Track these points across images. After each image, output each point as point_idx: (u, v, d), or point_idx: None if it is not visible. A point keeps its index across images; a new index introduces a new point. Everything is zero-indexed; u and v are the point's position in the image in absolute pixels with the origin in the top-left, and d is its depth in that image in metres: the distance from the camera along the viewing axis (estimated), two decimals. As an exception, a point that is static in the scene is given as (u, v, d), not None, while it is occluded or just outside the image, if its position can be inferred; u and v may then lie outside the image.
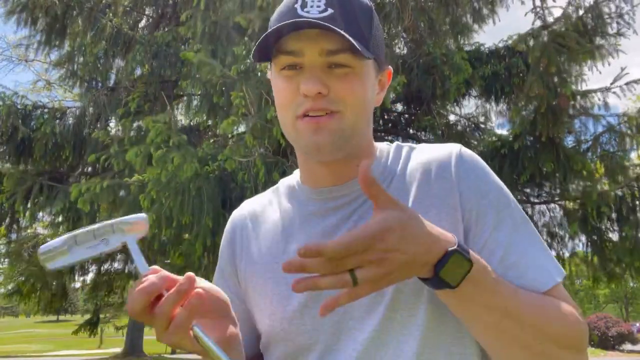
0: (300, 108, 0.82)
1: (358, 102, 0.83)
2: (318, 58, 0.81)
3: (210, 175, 4.98)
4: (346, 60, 0.81)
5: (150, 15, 8.80)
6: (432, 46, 6.25)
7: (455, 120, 7.66)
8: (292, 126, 0.85)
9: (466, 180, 0.85)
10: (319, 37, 0.80)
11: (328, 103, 0.81)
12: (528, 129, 5.51)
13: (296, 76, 0.83)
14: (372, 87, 0.87)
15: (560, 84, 5.21)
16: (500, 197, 0.85)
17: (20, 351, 26.52)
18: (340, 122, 0.82)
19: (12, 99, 7.28)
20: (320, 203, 0.91)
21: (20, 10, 7.15)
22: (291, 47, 0.82)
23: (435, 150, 0.90)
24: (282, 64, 0.83)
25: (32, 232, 8.99)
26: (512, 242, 0.82)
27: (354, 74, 0.82)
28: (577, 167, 5.45)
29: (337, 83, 0.81)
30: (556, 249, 6.95)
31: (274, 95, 0.89)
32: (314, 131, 0.82)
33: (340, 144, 0.83)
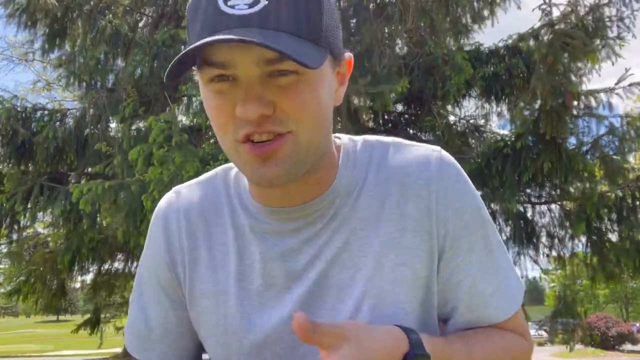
0: (240, 132, 0.66)
1: (312, 116, 0.67)
2: (254, 69, 0.64)
3: None
4: (290, 67, 0.64)
5: (150, 15, 8.80)
6: (433, 46, 6.26)
7: (455, 121, 7.67)
8: (234, 151, 0.69)
9: (444, 200, 0.76)
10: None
11: (275, 124, 0.65)
12: (531, 129, 5.50)
13: (230, 90, 0.66)
14: (328, 89, 0.70)
15: (566, 82, 5.20)
16: (475, 216, 0.78)
17: (20, 351, 26.53)
18: (294, 145, 0.67)
19: (11, 101, 7.28)
20: (276, 223, 0.78)
21: (20, 14, 7.16)
22: (218, 57, 0.64)
23: (410, 156, 0.79)
24: (210, 75, 0.66)
25: (32, 232, 9.00)
26: (481, 268, 0.78)
27: (303, 82, 0.65)
28: (578, 167, 5.45)
29: (282, 97, 0.65)
30: (556, 249, 6.95)
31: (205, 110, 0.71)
32: (262, 162, 0.67)
33: (295, 172, 0.69)
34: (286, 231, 0.77)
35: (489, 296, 0.78)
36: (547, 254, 6.95)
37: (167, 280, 0.84)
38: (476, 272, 0.78)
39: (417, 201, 0.76)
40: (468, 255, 0.77)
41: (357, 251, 0.76)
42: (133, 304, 0.88)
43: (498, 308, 0.79)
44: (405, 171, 0.77)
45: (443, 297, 0.79)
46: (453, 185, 0.77)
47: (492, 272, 0.79)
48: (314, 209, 0.76)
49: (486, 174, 5.78)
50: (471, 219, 0.78)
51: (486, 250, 0.79)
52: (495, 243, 0.81)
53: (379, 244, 0.76)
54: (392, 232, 0.76)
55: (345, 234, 0.77)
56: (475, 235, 0.78)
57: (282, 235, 0.78)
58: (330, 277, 0.76)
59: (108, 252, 8.17)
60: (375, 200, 0.77)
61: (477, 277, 0.78)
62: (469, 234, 0.77)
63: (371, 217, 0.76)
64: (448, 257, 0.77)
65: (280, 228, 0.78)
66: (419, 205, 0.76)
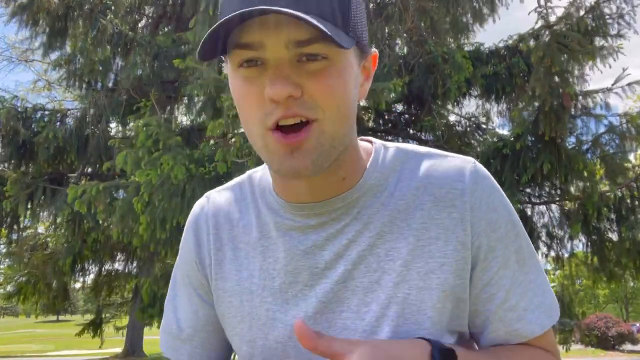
0: (270, 118, 0.66)
1: (339, 104, 0.67)
2: (284, 51, 0.64)
3: (206, 177, 4.97)
4: (321, 51, 0.64)
5: (151, 15, 8.80)
6: (433, 45, 6.26)
7: (455, 121, 7.68)
8: (262, 141, 0.69)
9: (479, 211, 0.75)
10: (284, 23, 0.63)
11: (302, 108, 0.65)
12: (530, 129, 5.51)
13: (259, 76, 0.66)
14: (354, 80, 0.71)
15: (563, 83, 5.20)
16: (509, 228, 0.78)
17: (20, 351, 26.51)
18: (320, 135, 0.67)
19: (11, 102, 7.29)
20: (300, 219, 0.78)
21: (21, 12, 7.17)
22: (248, 39, 0.64)
23: (444, 166, 0.78)
24: (239, 60, 0.66)
25: (32, 233, 9.00)
26: (515, 282, 0.77)
27: (332, 67, 0.66)
28: (578, 167, 5.45)
29: (310, 81, 0.65)
30: (555, 249, 6.96)
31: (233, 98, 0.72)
32: (289, 154, 0.67)
33: (321, 163, 0.69)
34: (310, 227, 0.77)
35: (522, 310, 0.77)
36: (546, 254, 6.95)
37: (197, 280, 0.87)
38: (510, 286, 0.77)
39: (451, 211, 0.75)
40: (502, 269, 0.76)
41: (384, 255, 0.75)
42: (167, 305, 0.91)
43: (532, 323, 0.77)
44: (439, 181, 0.77)
45: (475, 309, 0.78)
46: (488, 198, 0.76)
47: (526, 287, 0.78)
48: (338, 205, 0.76)
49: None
50: (505, 232, 0.77)
51: (520, 265, 0.78)
52: (530, 257, 0.80)
53: (408, 250, 0.75)
54: (422, 239, 0.75)
55: (371, 236, 0.76)
56: (509, 249, 0.77)
57: (306, 231, 0.78)
58: (354, 278, 0.76)
59: (109, 253, 8.17)
60: (405, 207, 0.76)
61: (510, 291, 0.76)
62: (503, 247, 0.76)
63: (400, 222, 0.76)
64: (481, 268, 0.76)
65: (305, 224, 0.78)
66: (452, 215, 0.75)
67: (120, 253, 8.71)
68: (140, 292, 6.11)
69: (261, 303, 0.79)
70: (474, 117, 7.72)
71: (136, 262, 8.78)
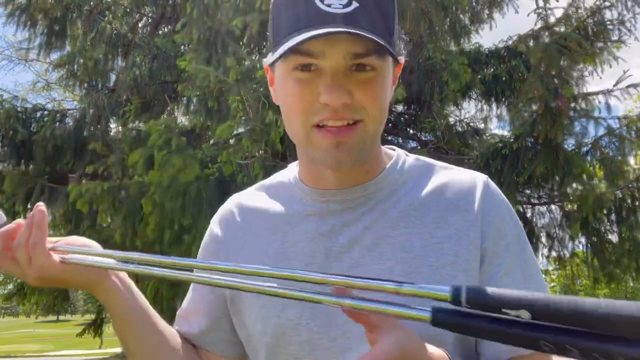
0: (316, 117, 0.74)
1: (380, 108, 0.76)
2: (342, 61, 0.72)
3: (210, 178, 4.99)
4: (371, 63, 0.73)
5: (150, 15, 8.80)
6: (432, 50, 6.26)
7: (455, 122, 7.67)
8: (305, 135, 0.76)
9: (488, 217, 0.80)
10: (344, 36, 0.70)
11: (351, 112, 0.74)
12: (528, 131, 5.51)
13: (313, 80, 0.73)
14: (390, 87, 0.80)
15: (561, 85, 5.20)
16: (517, 241, 0.82)
17: (20, 351, 26.52)
18: (363, 134, 0.75)
19: (11, 102, 7.28)
20: (321, 205, 0.84)
21: (20, 13, 7.17)
22: (310, 48, 0.71)
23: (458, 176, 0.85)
24: (295, 64, 0.74)
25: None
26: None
27: (378, 77, 0.75)
28: (576, 169, 5.45)
29: (360, 89, 0.73)
30: (556, 250, 6.96)
31: (279, 96, 0.80)
32: (334, 146, 0.74)
33: (360, 158, 0.78)
34: (330, 212, 0.83)
35: None
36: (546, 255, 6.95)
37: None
38: None
39: (464, 214, 0.80)
40: (506, 276, 0.78)
41: (399, 245, 0.79)
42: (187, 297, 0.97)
43: None
44: (454, 189, 0.83)
45: None
46: (498, 208, 0.82)
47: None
48: (358, 194, 0.83)
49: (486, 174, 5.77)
50: (512, 242, 0.81)
51: (524, 275, 0.80)
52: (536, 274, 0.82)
53: (421, 244, 0.78)
54: (435, 236, 0.78)
55: (386, 226, 0.80)
56: (515, 260, 0.80)
57: (326, 216, 0.83)
58: (367, 264, 0.79)
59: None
60: (420, 205, 0.82)
61: None
62: (509, 256, 0.79)
63: (415, 219, 0.80)
64: (486, 271, 0.79)
65: (325, 209, 0.84)
66: (465, 218, 0.80)
67: (120, 253, 8.70)
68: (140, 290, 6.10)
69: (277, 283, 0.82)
70: (473, 120, 7.73)
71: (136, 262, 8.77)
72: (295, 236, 0.84)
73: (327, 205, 0.83)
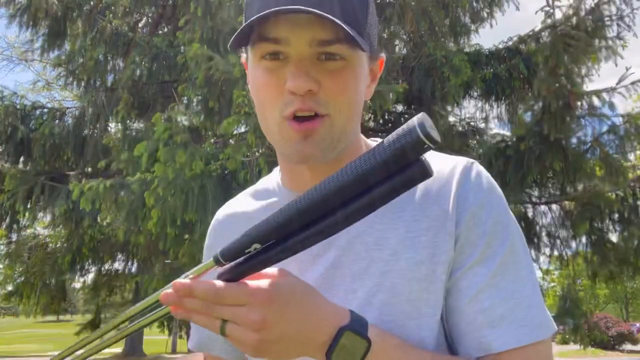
0: (287, 108, 0.71)
1: (349, 102, 0.73)
2: (307, 48, 0.69)
3: (213, 174, 4.98)
4: (340, 51, 0.69)
5: (150, 16, 8.80)
6: (432, 48, 6.26)
7: (455, 121, 7.68)
8: (277, 128, 0.73)
9: (464, 203, 0.74)
10: (310, 23, 0.68)
11: (317, 104, 0.70)
12: (532, 130, 5.48)
13: (280, 68, 0.71)
14: (364, 81, 0.76)
15: (569, 83, 5.18)
16: (498, 229, 0.74)
17: (20, 351, 26.52)
18: (330, 128, 0.72)
19: (11, 99, 7.29)
20: None
21: (21, 14, 7.18)
22: (275, 34, 0.69)
23: (441, 164, 0.79)
24: (263, 52, 0.71)
25: (31, 233, 9.00)
26: (491, 284, 0.72)
27: (348, 68, 0.71)
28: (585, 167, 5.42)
29: (328, 79, 0.70)
30: (558, 249, 6.96)
31: (251, 89, 0.77)
32: (302, 140, 0.72)
33: (329, 152, 0.74)
34: None
35: (498, 318, 0.71)
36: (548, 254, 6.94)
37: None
38: (483, 286, 0.72)
39: (441, 203, 0.75)
40: (477, 265, 0.73)
41: (373, 243, 0.76)
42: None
43: (506, 334, 0.70)
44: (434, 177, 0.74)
45: (448, 305, 0.74)
46: (477, 193, 0.75)
47: (507, 294, 0.72)
48: None
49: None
50: (491, 230, 0.74)
51: (503, 268, 0.73)
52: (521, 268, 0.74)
53: (397, 240, 0.75)
54: (412, 230, 0.75)
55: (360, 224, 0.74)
56: (492, 249, 0.73)
57: None
58: (343, 265, 0.77)
59: (108, 253, 8.17)
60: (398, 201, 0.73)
61: (483, 291, 0.72)
62: (484, 245, 0.73)
63: (391, 214, 0.76)
64: (457, 261, 0.74)
65: None
66: (442, 207, 0.75)
67: (120, 253, 8.71)
68: (141, 290, 6.10)
69: None
70: (474, 119, 7.73)
71: (136, 262, 8.78)
72: None
73: None
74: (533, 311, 0.72)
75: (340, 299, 0.75)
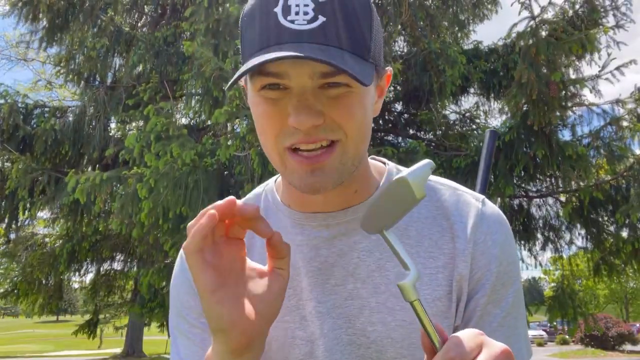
0: (289, 140, 0.68)
1: (359, 126, 0.70)
2: (309, 81, 0.66)
3: (209, 169, 4.97)
4: (342, 80, 0.66)
5: (150, 14, 8.81)
6: (427, 43, 6.27)
7: (455, 119, 7.69)
8: (280, 159, 0.70)
9: (482, 246, 0.76)
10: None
11: (325, 132, 0.68)
12: (519, 121, 5.51)
13: (281, 99, 0.68)
14: (371, 101, 0.73)
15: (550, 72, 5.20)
16: (511, 269, 0.78)
17: (20, 351, 26.53)
18: (342, 155, 0.69)
19: (13, 97, 7.30)
20: (310, 230, 0.79)
21: (22, 6, 7.18)
22: (273, 69, 0.66)
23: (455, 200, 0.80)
24: (262, 83, 0.68)
25: (29, 232, 8.99)
26: (503, 324, 0.76)
27: (352, 94, 0.68)
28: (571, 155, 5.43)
29: (333, 107, 0.67)
30: (553, 242, 6.98)
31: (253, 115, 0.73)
32: (309, 173, 0.69)
33: (340, 179, 0.71)
34: (321, 240, 0.78)
35: None
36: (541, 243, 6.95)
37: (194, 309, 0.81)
38: (496, 326, 0.75)
39: (456, 240, 0.77)
40: (492, 306, 0.76)
41: (393, 277, 0.76)
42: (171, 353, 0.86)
43: None
44: (448, 213, 0.78)
45: None
46: (493, 234, 0.77)
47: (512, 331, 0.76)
48: (348, 217, 0.78)
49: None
50: (505, 271, 0.77)
51: (513, 309, 0.77)
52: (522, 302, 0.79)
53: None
54: (429, 267, 0.76)
55: (381, 258, 0.77)
56: (505, 288, 0.76)
57: (318, 246, 0.78)
58: (362, 297, 0.77)
59: (108, 252, 8.17)
60: (415, 234, 0.78)
61: (496, 331, 0.74)
62: (500, 285, 0.76)
63: (409, 248, 0.77)
64: (473, 298, 0.76)
65: (315, 236, 0.78)
66: (457, 244, 0.76)
67: (120, 253, 8.70)
68: (139, 287, 6.09)
69: (278, 323, 0.76)
70: (470, 112, 7.76)
71: (135, 262, 8.78)
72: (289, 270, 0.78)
73: (317, 231, 0.78)
74: (523, 349, 0.78)
75: (358, 331, 0.76)
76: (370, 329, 0.75)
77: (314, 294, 0.77)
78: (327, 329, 0.76)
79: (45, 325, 54.99)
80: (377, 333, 0.75)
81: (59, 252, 7.39)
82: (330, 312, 0.77)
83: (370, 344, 0.75)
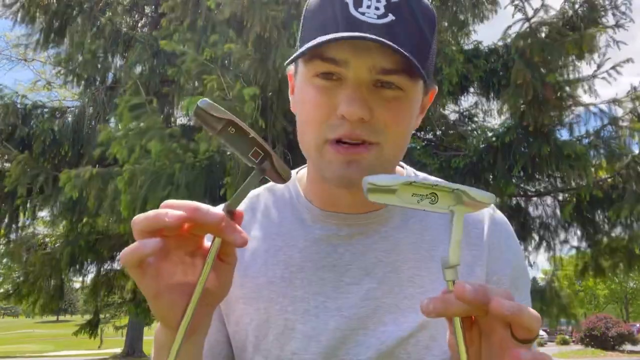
0: (333, 132, 0.68)
1: (401, 132, 0.71)
2: (366, 74, 0.66)
3: (197, 164, 4.89)
4: (399, 82, 0.67)
5: (150, 15, 8.81)
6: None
7: (454, 119, 7.69)
8: (317, 149, 0.71)
9: (496, 251, 0.80)
10: (373, 48, 0.65)
11: (367, 132, 0.68)
12: (517, 122, 5.53)
13: (333, 89, 0.68)
14: (416, 112, 0.74)
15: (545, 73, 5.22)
16: (522, 272, 0.82)
17: (20, 351, 26.55)
18: (378, 156, 0.70)
19: (12, 98, 7.29)
20: (329, 227, 0.79)
21: (17, 9, 7.18)
22: (335, 54, 0.66)
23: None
24: (317, 70, 0.68)
25: (30, 232, 8.99)
26: None
27: (404, 98, 0.69)
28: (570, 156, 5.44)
29: (382, 108, 0.68)
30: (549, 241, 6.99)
31: (297, 103, 0.74)
32: (346, 164, 0.69)
33: None
34: (339, 238, 0.78)
35: None
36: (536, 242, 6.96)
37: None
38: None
39: (472, 249, 0.79)
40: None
41: (407, 280, 0.77)
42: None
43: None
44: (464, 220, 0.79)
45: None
46: (506, 240, 0.81)
47: None
48: (370, 220, 0.78)
49: (479, 168, 5.79)
50: (518, 274, 0.81)
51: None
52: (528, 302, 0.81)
53: (430, 280, 0.77)
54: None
55: (397, 259, 0.78)
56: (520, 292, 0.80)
57: (335, 243, 0.78)
58: (377, 297, 0.77)
59: (108, 252, 8.17)
60: (430, 239, 0.79)
61: None
62: (514, 289, 0.78)
63: (425, 252, 0.78)
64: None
65: (334, 234, 0.78)
66: (473, 252, 0.78)
67: (120, 253, 8.71)
68: (138, 290, 6.07)
69: (280, 312, 0.77)
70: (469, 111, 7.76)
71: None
72: (302, 262, 0.78)
73: (336, 229, 0.78)
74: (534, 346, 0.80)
75: (370, 331, 0.76)
76: (382, 329, 0.75)
77: (325, 289, 0.77)
78: (333, 326, 0.76)
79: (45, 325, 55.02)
80: (388, 334, 0.75)
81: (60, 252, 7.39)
82: (341, 310, 0.76)
83: (380, 345, 0.75)
